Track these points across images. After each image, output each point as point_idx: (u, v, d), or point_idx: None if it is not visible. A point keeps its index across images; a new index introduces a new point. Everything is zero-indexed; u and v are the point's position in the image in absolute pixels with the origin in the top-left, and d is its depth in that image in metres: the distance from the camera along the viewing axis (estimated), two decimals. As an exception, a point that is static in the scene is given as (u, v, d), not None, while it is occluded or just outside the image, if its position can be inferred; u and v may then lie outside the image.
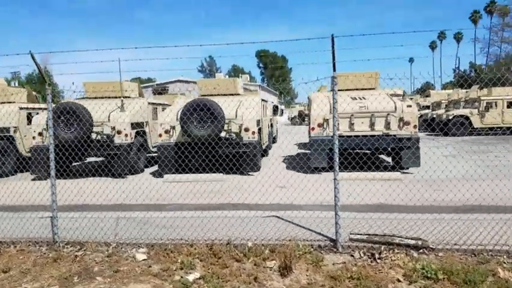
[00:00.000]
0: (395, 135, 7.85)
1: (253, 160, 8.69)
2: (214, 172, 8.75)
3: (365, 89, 9.39)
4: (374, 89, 9.51)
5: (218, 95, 10.31)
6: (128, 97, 10.93)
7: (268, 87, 59.98)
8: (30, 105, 11.30)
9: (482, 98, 17.06)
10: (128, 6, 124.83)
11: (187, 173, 8.81)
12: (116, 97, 10.64)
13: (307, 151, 13.37)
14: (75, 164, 11.51)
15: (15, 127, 10.41)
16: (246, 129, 8.64)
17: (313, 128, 8.25)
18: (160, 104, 12.06)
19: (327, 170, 8.39)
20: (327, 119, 8.12)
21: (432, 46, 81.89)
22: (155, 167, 10.97)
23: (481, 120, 16.94)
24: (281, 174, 7.94)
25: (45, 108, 11.72)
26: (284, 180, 7.46)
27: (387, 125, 7.84)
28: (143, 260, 3.97)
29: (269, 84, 66.69)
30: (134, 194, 6.45)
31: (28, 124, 10.90)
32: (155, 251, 4.15)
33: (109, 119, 9.18)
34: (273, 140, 16.31)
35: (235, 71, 74.40)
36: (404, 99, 8.06)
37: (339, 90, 9.56)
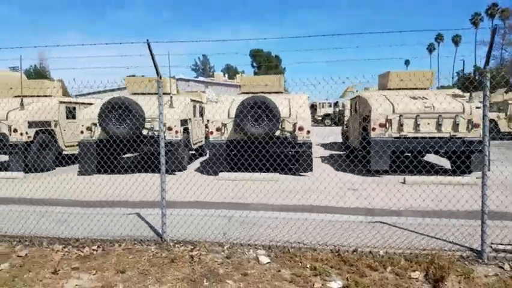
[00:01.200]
0: (463, 138, 7.75)
1: (306, 160, 8.55)
2: (263, 171, 8.61)
3: (418, 89, 9.20)
4: (426, 88, 9.34)
5: (262, 92, 10.13)
6: (170, 93, 10.76)
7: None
8: (68, 99, 11.08)
9: (509, 101, 17.05)
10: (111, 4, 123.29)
11: (235, 171, 8.69)
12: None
13: (340, 152, 13.29)
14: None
15: (55, 121, 10.20)
16: (301, 128, 8.48)
17: (374, 129, 8.08)
18: (197, 102, 11.90)
19: (380, 172, 8.30)
20: (390, 119, 7.98)
21: (430, 49, 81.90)
22: (195, 164, 10.86)
23: (508, 124, 16.95)
24: (336, 176, 7.84)
25: (82, 103, 11.52)
26: (348, 183, 7.35)
27: (455, 126, 7.72)
28: (267, 263, 3.83)
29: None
30: (208, 191, 6.30)
31: (67, 118, 10.71)
32: (275, 254, 4.01)
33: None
34: None
35: (229, 70, 74.14)
36: (471, 100, 7.93)
37: (391, 89, 9.70)
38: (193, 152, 12.16)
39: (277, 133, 8.50)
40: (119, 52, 13.63)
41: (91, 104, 11.94)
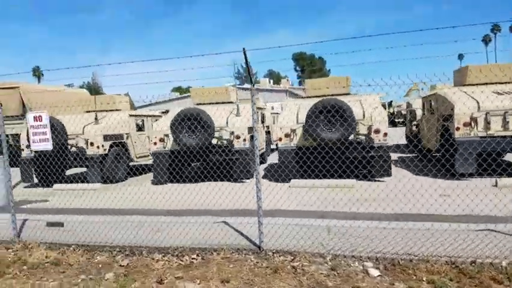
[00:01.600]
0: None
1: (384, 165, 8.17)
2: (334, 177, 8.32)
3: (502, 83, 8.48)
4: (510, 83, 8.58)
5: (330, 95, 9.82)
6: (232, 102, 10.85)
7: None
8: (137, 113, 11.53)
9: None
10: (151, 20, 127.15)
11: (305, 178, 8.50)
12: (224, 102, 10.59)
13: (409, 155, 12.68)
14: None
15: (127, 134, 10.61)
16: (377, 131, 8.10)
17: (458, 128, 7.55)
18: (259, 109, 11.92)
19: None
20: (476, 117, 7.43)
21: (486, 40, 76.88)
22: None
23: None
24: (418, 181, 7.43)
25: (149, 115, 11.93)
26: (439, 189, 6.85)
27: None
28: (378, 276, 3.61)
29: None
30: (285, 199, 6.19)
31: (137, 130, 11.12)
32: (383, 266, 3.78)
33: (227, 124, 9.06)
34: None
35: (272, 76, 74.13)
36: None
37: (470, 84, 9.06)
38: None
39: (351, 137, 8.21)
40: (160, 67, 14.03)
41: (156, 116, 12.35)
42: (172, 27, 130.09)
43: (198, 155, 8.38)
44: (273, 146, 16.34)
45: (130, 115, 10.88)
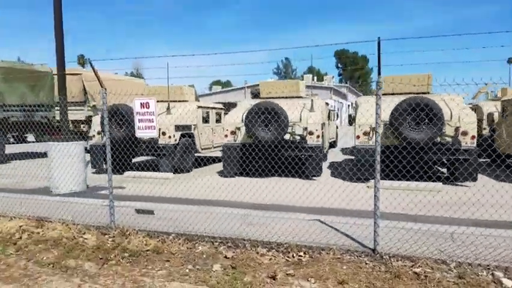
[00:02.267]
0: None
1: (468, 169, 7.70)
2: (415, 179, 7.93)
3: None
4: None
5: (410, 93, 9.33)
6: (302, 97, 10.67)
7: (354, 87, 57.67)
8: (203, 104, 11.62)
9: None
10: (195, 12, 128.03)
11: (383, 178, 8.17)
12: (294, 97, 10.43)
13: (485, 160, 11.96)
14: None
15: (195, 125, 10.71)
16: (464, 133, 7.66)
17: None
18: (327, 104, 11.69)
19: None
20: None
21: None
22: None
23: None
24: (503, 187, 6.92)
25: (213, 108, 11.99)
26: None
27: None
28: (514, 287, 3.34)
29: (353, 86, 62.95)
30: (367, 200, 5.93)
31: (203, 123, 11.20)
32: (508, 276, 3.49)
33: (300, 119, 8.90)
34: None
35: (312, 73, 72.90)
36: None
37: None
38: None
39: (438, 138, 7.76)
40: (202, 62, 14.14)
41: (220, 108, 12.39)
42: (214, 19, 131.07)
43: (270, 149, 8.28)
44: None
45: (198, 106, 10.97)
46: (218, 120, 12.18)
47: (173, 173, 9.70)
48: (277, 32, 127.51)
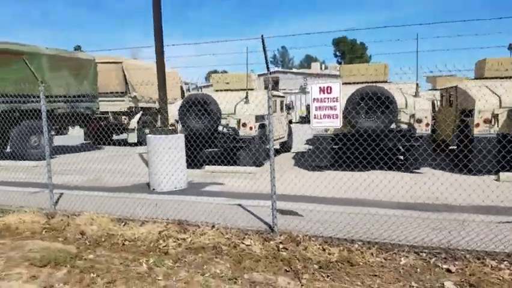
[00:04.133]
0: None
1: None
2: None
3: None
4: None
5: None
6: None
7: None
8: (276, 93, 10.95)
9: None
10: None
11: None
12: (380, 82, 9.73)
13: None
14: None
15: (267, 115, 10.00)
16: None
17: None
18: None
19: None
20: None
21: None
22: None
23: None
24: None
25: (278, 96, 11.29)
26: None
27: None
28: None
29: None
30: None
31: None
32: None
33: (413, 107, 8.25)
34: None
35: (309, 61, 71.83)
36: None
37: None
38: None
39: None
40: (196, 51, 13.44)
41: (282, 96, 11.71)
42: (210, 8, 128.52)
43: (372, 140, 7.64)
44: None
45: (273, 95, 10.26)
46: (281, 109, 11.53)
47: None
48: (270, 23, 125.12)
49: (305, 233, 4.55)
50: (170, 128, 9.52)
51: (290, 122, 12.96)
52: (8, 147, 11.65)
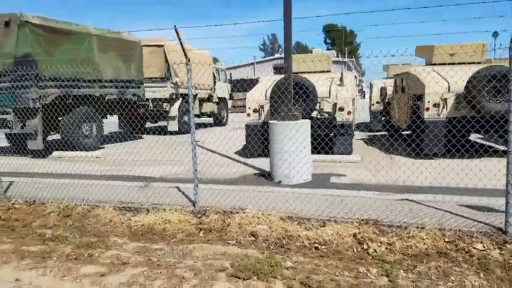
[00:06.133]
0: None
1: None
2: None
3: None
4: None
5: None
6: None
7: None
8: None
9: None
10: None
11: None
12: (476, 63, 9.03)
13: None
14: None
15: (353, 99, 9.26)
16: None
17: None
18: None
19: None
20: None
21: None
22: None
23: None
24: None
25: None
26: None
27: None
28: None
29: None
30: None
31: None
32: None
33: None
34: None
35: (299, 48, 70.84)
36: None
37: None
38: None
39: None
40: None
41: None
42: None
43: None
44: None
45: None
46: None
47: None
48: (256, 10, 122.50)
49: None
50: (252, 113, 8.77)
51: None
52: (58, 135, 10.67)
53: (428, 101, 7.79)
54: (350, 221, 4.30)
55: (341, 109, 8.17)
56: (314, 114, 8.14)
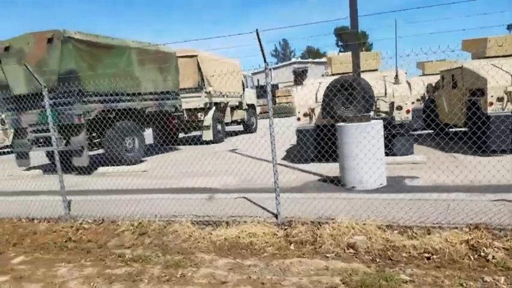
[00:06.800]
0: None
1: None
2: None
3: None
4: None
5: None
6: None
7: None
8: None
9: None
10: None
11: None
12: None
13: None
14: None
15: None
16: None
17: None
18: None
19: None
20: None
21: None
22: None
23: None
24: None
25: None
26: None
27: None
28: None
29: None
30: None
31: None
32: None
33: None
34: None
35: (310, 53, 69.99)
36: None
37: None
38: None
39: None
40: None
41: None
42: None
43: None
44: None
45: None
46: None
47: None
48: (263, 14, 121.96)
49: None
50: (303, 117, 8.45)
51: None
52: (101, 150, 10.57)
53: (492, 95, 7.34)
54: (459, 227, 3.91)
55: (399, 108, 7.77)
56: (371, 114, 7.75)
